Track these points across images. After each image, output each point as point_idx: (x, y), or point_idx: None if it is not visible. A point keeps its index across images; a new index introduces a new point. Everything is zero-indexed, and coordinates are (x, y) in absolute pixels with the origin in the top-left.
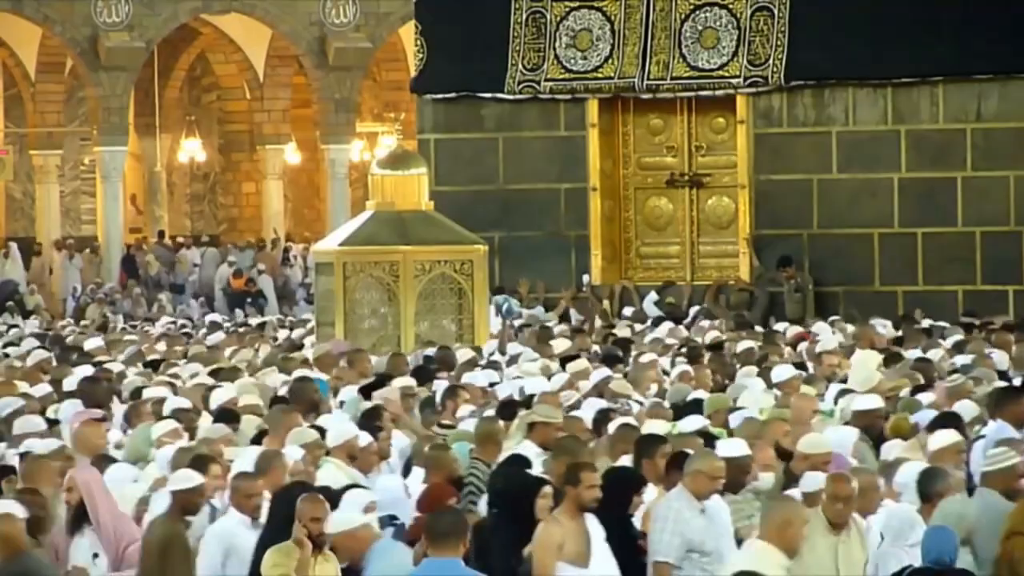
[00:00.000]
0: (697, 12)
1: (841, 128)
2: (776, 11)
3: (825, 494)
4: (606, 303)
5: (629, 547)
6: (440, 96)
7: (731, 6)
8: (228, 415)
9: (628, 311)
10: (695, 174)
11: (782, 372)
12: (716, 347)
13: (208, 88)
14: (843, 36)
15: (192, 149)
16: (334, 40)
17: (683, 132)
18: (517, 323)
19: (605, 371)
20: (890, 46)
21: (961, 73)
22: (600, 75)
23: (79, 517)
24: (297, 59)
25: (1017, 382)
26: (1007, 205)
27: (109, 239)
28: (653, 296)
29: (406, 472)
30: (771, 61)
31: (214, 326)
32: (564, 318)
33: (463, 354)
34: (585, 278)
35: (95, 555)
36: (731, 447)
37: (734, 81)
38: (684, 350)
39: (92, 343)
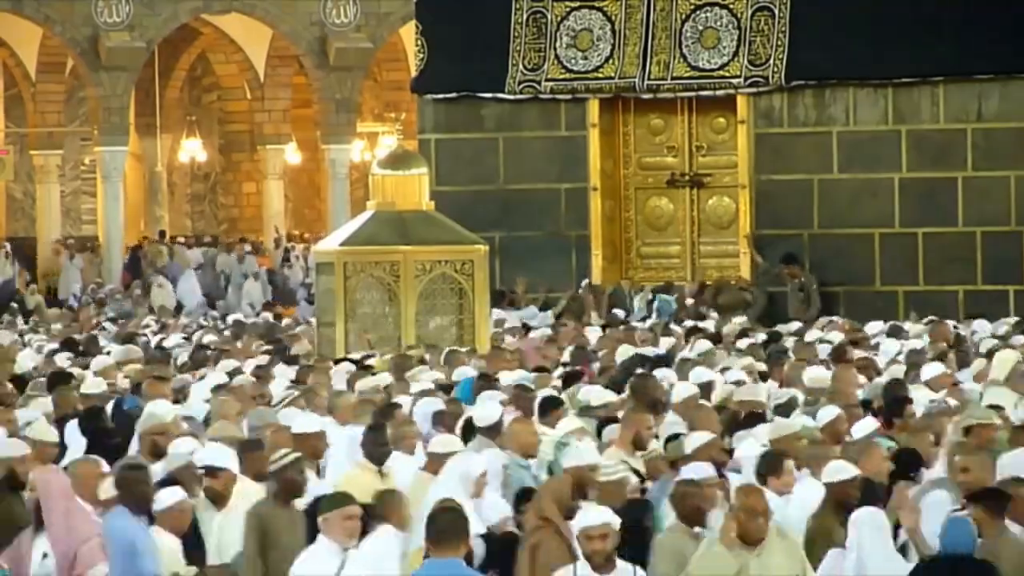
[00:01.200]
0: (698, 12)
1: (842, 128)
2: (777, 11)
3: (736, 507)
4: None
5: None
6: (441, 96)
7: (732, 6)
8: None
9: (620, 313)
10: (696, 174)
11: (932, 369)
12: (842, 348)
13: (209, 88)
14: (844, 36)
15: (193, 149)
16: (335, 40)
17: (684, 132)
18: (507, 325)
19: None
20: (891, 46)
21: (962, 73)
22: (601, 75)
23: (39, 517)
24: (298, 59)
25: None
26: (1008, 205)
27: (109, 239)
28: (648, 295)
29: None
30: (772, 61)
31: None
32: (560, 318)
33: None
34: (584, 282)
35: (44, 555)
36: None
37: (735, 81)
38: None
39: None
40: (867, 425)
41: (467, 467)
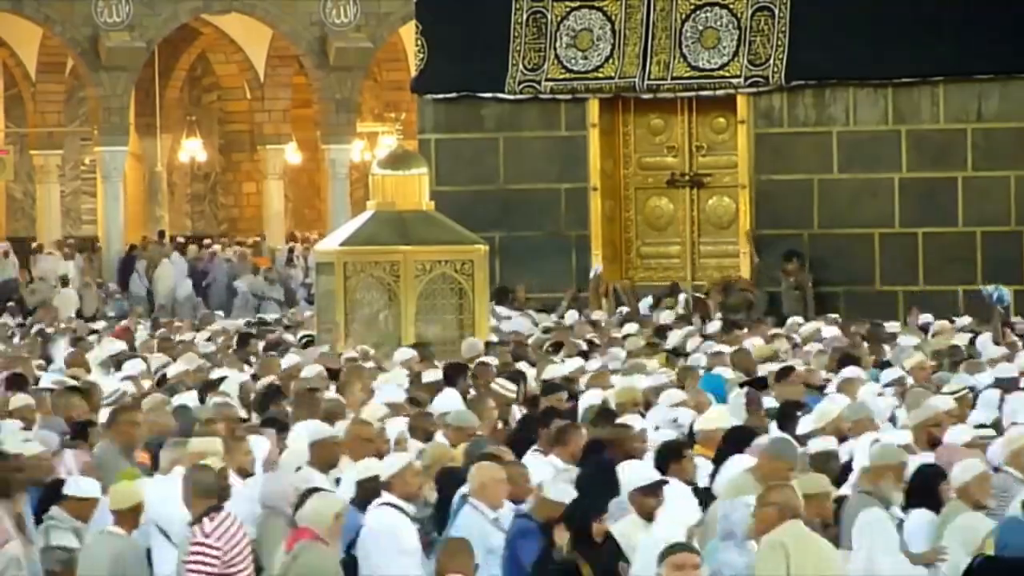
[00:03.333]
0: (698, 12)
1: (842, 128)
2: (777, 11)
3: None
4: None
5: None
6: (440, 96)
7: (732, 6)
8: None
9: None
10: (696, 174)
11: None
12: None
13: (209, 88)
14: (844, 36)
15: (193, 149)
16: (335, 40)
17: (684, 132)
18: (504, 326)
19: None
20: (891, 46)
21: (962, 73)
22: (601, 75)
23: None
24: (298, 59)
25: None
26: (1007, 205)
27: (109, 239)
28: (649, 300)
29: None
30: (772, 61)
31: None
32: (563, 318)
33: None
34: (598, 268)
35: None
36: None
37: (735, 81)
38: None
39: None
40: None
41: None
